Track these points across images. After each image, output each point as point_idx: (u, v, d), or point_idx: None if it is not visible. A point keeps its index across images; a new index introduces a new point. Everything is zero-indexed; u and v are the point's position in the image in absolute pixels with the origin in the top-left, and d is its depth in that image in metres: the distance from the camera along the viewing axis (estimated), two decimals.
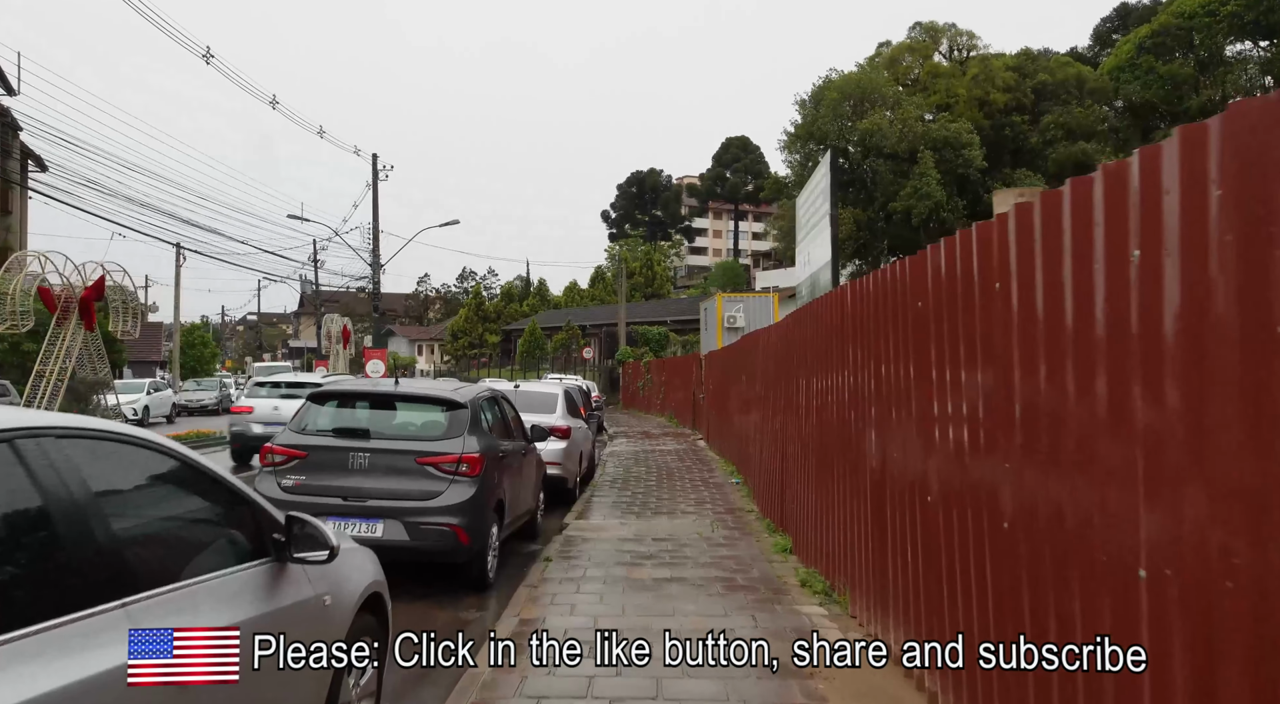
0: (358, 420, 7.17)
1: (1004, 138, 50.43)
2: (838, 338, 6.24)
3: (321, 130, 31.39)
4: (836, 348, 6.29)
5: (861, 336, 5.54)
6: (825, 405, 6.77)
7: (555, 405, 11.98)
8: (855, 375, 5.75)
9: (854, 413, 5.81)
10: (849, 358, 5.93)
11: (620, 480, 14.03)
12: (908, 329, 4.55)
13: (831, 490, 6.51)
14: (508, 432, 8.19)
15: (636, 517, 10.47)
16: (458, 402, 7.11)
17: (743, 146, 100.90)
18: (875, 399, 5.27)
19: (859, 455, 5.72)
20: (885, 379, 5.04)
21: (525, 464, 8.58)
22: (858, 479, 5.76)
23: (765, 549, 8.36)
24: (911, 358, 4.51)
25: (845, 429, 6.07)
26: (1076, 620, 2.85)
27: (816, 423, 7.14)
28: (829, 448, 6.64)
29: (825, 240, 8.58)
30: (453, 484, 6.69)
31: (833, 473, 6.51)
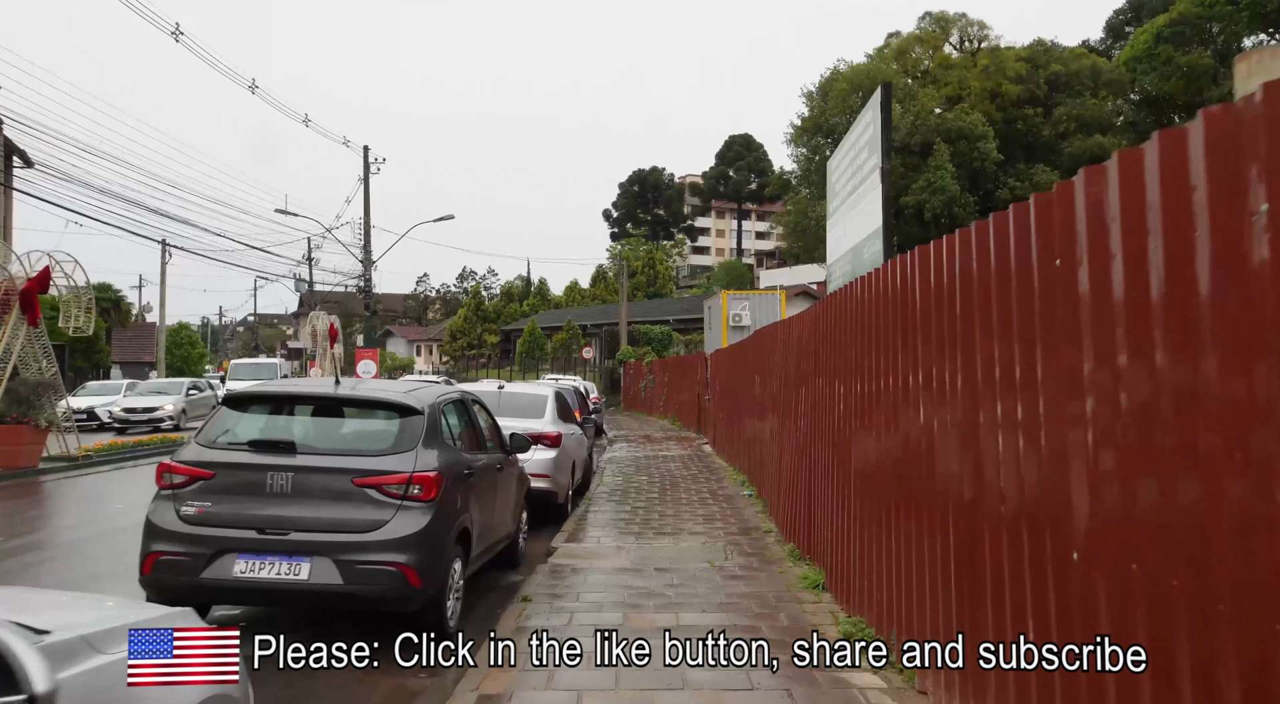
0: (282, 430, 5.71)
1: (1016, 131, 48.91)
2: (895, 324, 4.80)
3: (307, 118, 29.99)
4: (893, 338, 4.85)
5: (940, 319, 4.09)
6: (873, 411, 5.33)
7: (544, 409, 10.54)
8: (925, 371, 4.31)
9: (920, 420, 4.38)
10: (913, 350, 4.49)
11: (619, 492, 12.58)
12: (1039, 299, 3.10)
13: (886, 521, 5.06)
14: (478, 442, 6.75)
15: (636, 537, 9.03)
16: (411, 407, 5.68)
17: (746, 144, 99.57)
18: (961, 401, 3.83)
19: (928, 478, 4.29)
20: (983, 374, 3.59)
21: (502, 481, 7.15)
22: (927, 510, 4.32)
23: (791, 584, 6.91)
24: (1041, 340, 3.07)
25: (907, 441, 4.63)
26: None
27: (860, 432, 5.70)
28: (881, 465, 5.20)
29: (873, 203, 7.14)
30: (401, 511, 5.25)
31: (887, 497, 5.07)
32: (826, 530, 6.79)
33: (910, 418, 4.54)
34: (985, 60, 49.49)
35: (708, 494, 12.29)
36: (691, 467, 16.04)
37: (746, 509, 10.91)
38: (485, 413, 7.49)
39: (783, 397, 9.36)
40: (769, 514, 10.22)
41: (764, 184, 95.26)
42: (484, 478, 6.54)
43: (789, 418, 8.84)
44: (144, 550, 5.22)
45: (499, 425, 7.66)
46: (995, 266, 3.49)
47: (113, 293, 42.94)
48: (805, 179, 52.62)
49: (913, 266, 4.44)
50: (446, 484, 5.57)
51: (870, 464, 5.44)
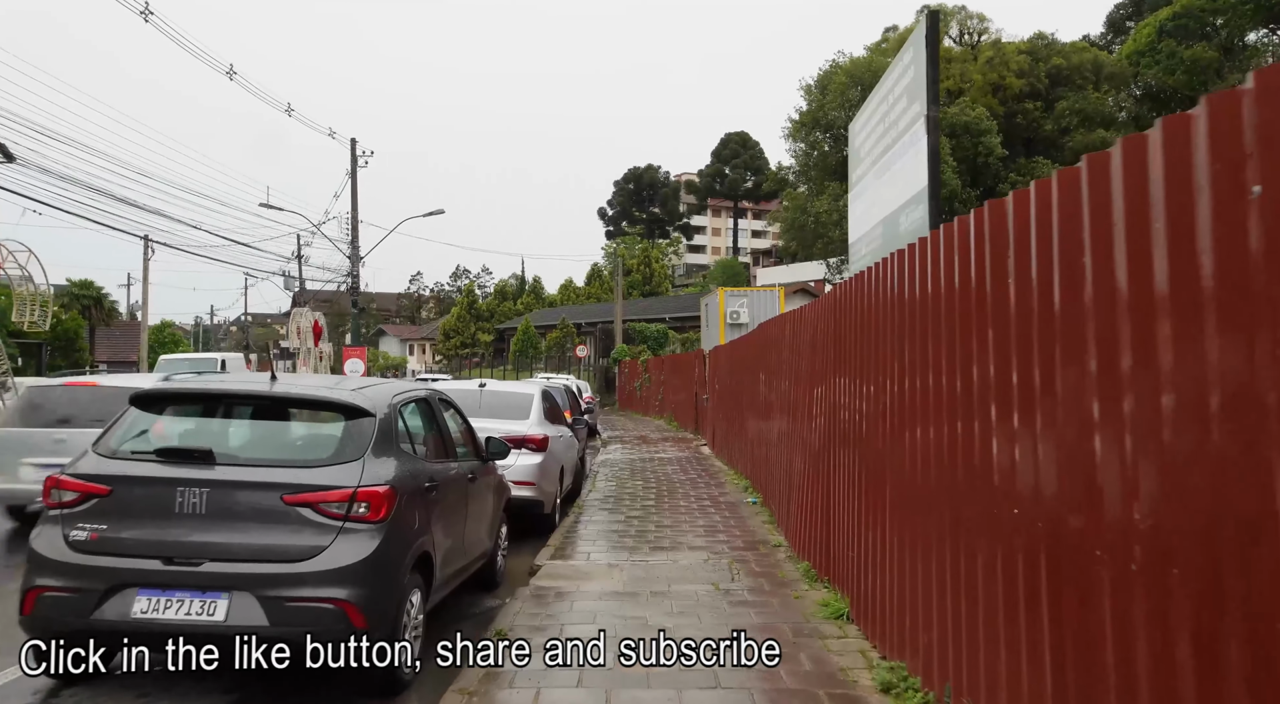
0: (199, 437, 4.74)
1: (1016, 125, 48.05)
2: (950, 307, 3.86)
3: (289, 108, 29.00)
4: (947, 323, 3.91)
5: (1027, 293, 3.15)
6: (918, 412, 4.39)
7: (529, 409, 9.58)
8: (1003, 363, 3.37)
9: (993, 424, 3.44)
10: (978, 337, 3.56)
11: (612, 499, 11.63)
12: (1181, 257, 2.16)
13: (936, 544, 4.13)
14: (445, 449, 5.80)
15: (630, 553, 8.08)
16: (359, 407, 4.72)
17: (742, 142, 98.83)
18: (1068, 399, 2.89)
19: (1004, 496, 3.35)
20: (1110, 364, 2.65)
21: (476, 493, 6.19)
22: (1001, 536, 3.38)
23: (809, 612, 5.97)
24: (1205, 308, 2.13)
25: (969, 449, 3.69)
26: None
27: (897, 437, 4.76)
28: (927, 476, 4.26)
29: (915, 160, 6.08)
30: (343, 534, 4.30)
31: (937, 515, 4.13)
32: (850, 549, 5.86)
33: (976, 421, 3.60)
34: (987, 53, 48.67)
35: (708, 501, 11.35)
36: (690, 470, 15.10)
37: (751, 519, 9.97)
38: (457, 415, 6.54)
39: (793, 396, 8.43)
40: (777, 525, 9.29)
41: (760, 182, 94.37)
42: (452, 490, 5.59)
43: (801, 419, 7.91)
44: (24, 585, 4.26)
45: (474, 429, 6.71)
46: (1094, 229, 2.56)
47: (95, 290, 41.80)
48: (803, 174, 51.70)
49: (985, 227, 3.49)
50: (402, 500, 4.62)
51: (912, 475, 4.50)
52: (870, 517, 5.39)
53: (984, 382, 3.53)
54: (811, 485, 7.28)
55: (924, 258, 4.23)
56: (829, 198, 47.43)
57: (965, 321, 3.70)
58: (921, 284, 4.29)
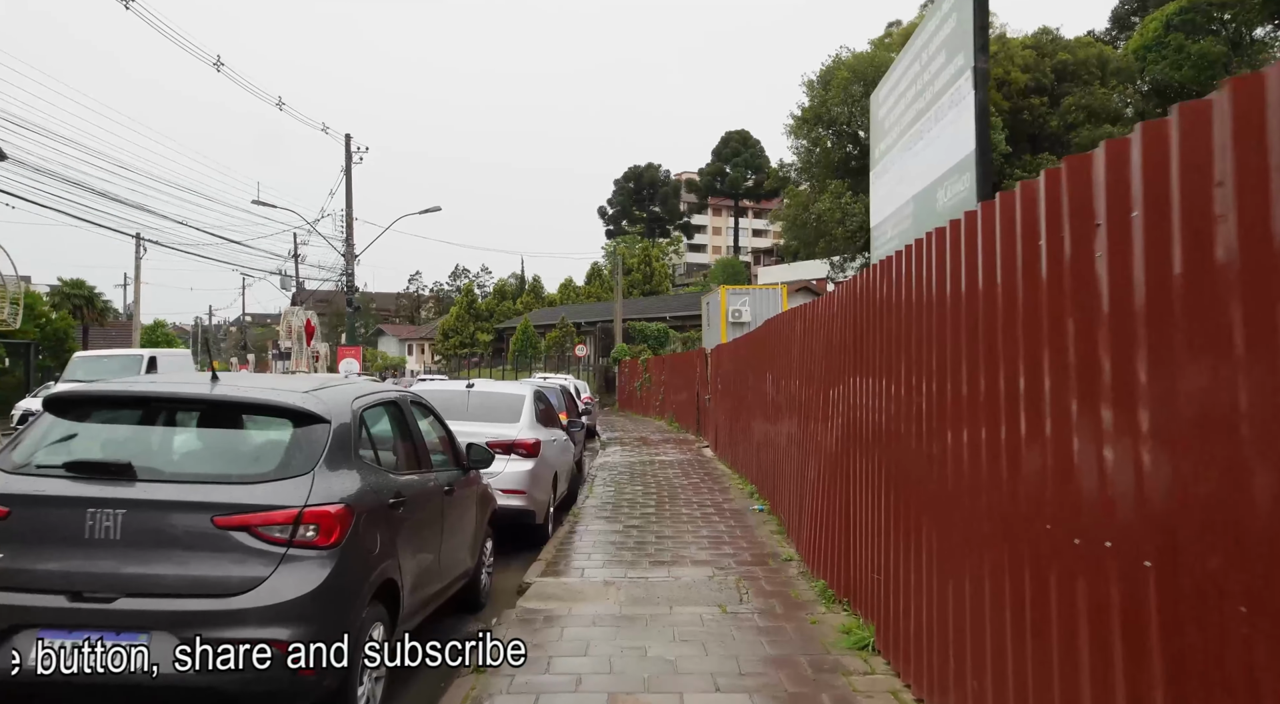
0: (119, 448, 4.05)
1: (1021, 121, 47.32)
2: (1008, 294, 3.21)
3: (280, 102, 28.30)
4: (1003, 314, 3.25)
5: (1125, 274, 2.49)
6: (962, 416, 3.73)
7: (519, 412, 8.91)
8: (1088, 359, 2.71)
9: (1054, 425, 2.78)
10: (1055, 327, 2.90)
11: (610, 506, 10.97)
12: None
13: (991, 572, 3.46)
14: (418, 458, 5.13)
15: (629, 568, 7.42)
16: (310, 412, 4.05)
17: (743, 140, 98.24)
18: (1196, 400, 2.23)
19: (1065, 510, 2.70)
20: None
21: (454, 507, 5.52)
22: (1059, 556, 2.72)
23: (829, 641, 5.30)
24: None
25: (1017, 455, 3.04)
26: None
27: (933, 445, 4.10)
28: (978, 492, 3.60)
29: (959, 121, 5.40)
30: (286, 563, 3.64)
31: (975, 531, 3.47)
32: (874, 567, 5.20)
33: (1049, 422, 2.94)
34: (992, 47, 47.96)
35: (712, 509, 10.69)
36: (692, 474, 14.44)
37: (759, 528, 9.31)
38: (434, 419, 5.87)
39: (804, 397, 7.77)
40: (787, 535, 8.63)
41: (761, 181, 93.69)
42: (424, 506, 4.93)
43: (814, 422, 7.24)
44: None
45: (453, 435, 6.04)
46: None
47: (86, 289, 41.10)
48: (805, 171, 51.02)
49: (1061, 191, 2.83)
50: (360, 520, 3.96)
51: (956, 486, 3.84)
52: (898, 532, 4.74)
53: (1059, 377, 2.86)
54: (827, 494, 6.62)
55: (972, 234, 3.57)
56: (831, 195, 46.77)
57: (1033, 308, 3.04)
58: (969, 267, 3.62)
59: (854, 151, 48.38)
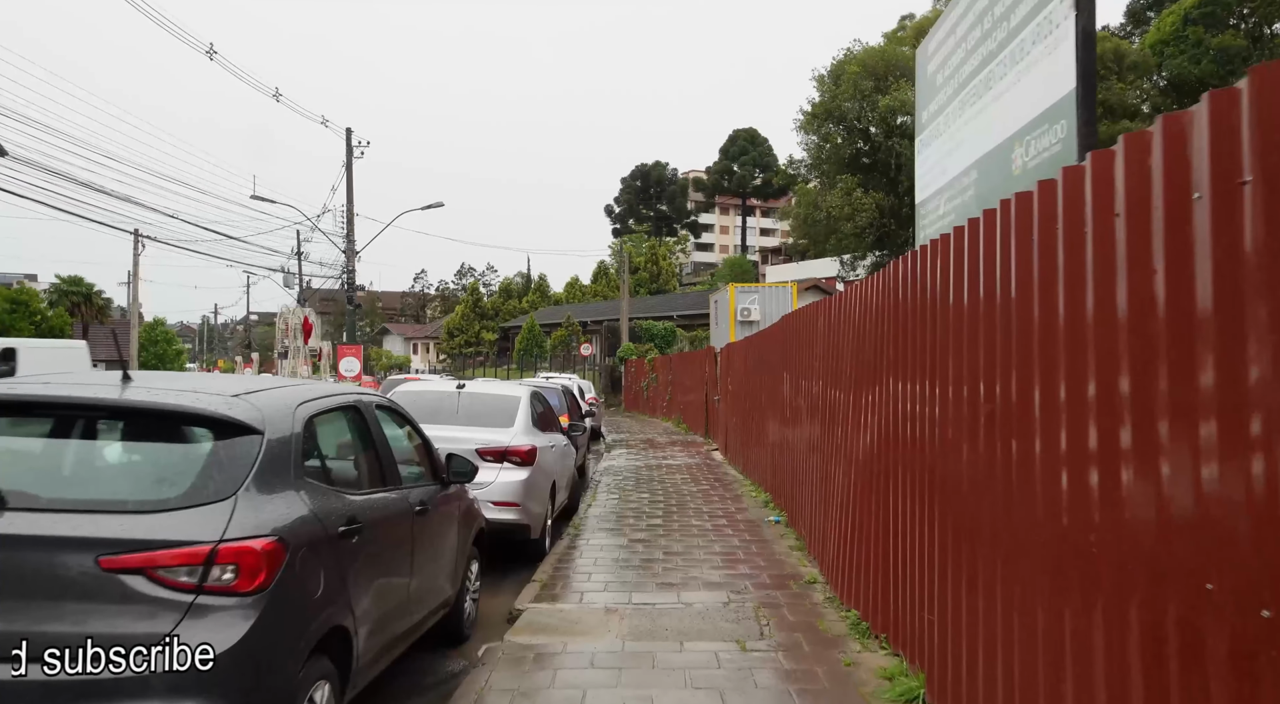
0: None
1: None
2: (1145, 272, 2.40)
3: (278, 93, 27.54)
4: (1138, 298, 2.44)
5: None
6: (1029, 422, 2.92)
7: (514, 415, 8.10)
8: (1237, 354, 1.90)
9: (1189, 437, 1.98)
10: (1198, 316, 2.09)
11: (614, 517, 10.16)
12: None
13: (1105, 621, 2.65)
14: (382, 474, 4.32)
15: (633, 591, 6.61)
16: (236, 421, 3.26)
17: (750, 139, 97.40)
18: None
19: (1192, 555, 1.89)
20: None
21: (428, 529, 4.72)
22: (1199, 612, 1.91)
23: (869, 691, 4.49)
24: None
25: (1147, 472, 2.23)
26: None
27: (999, 454, 3.30)
28: (1073, 509, 2.79)
29: (1052, 57, 4.61)
30: (194, 616, 2.85)
31: (1079, 565, 2.66)
32: (923, 600, 4.39)
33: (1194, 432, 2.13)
34: None
35: (724, 520, 9.88)
36: (701, 480, 13.63)
37: (776, 543, 8.50)
38: (412, 429, 5.07)
39: (830, 399, 6.96)
40: (808, 552, 7.82)
41: (769, 179, 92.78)
42: (389, 530, 4.13)
43: (843, 427, 6.43)
44: None
45: (430, 444, 5.23)
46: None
47: (85, 287, 40.53)
48: (815, 168, 50.06)
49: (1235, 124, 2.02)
50: (298, 556, 3.17)
51: (1051, 507, 3.04)
52: (958, 563, 3.93)
53: (1155, 389, 2.05)
54: (860, 510, 5.81)
55: (1077, 196, 2.76)
56: (841, 192, 45.86)
57: (1177, 285, 2.23)
58: (1071, 239, 2.81)
59: (864, 148, 47.49)
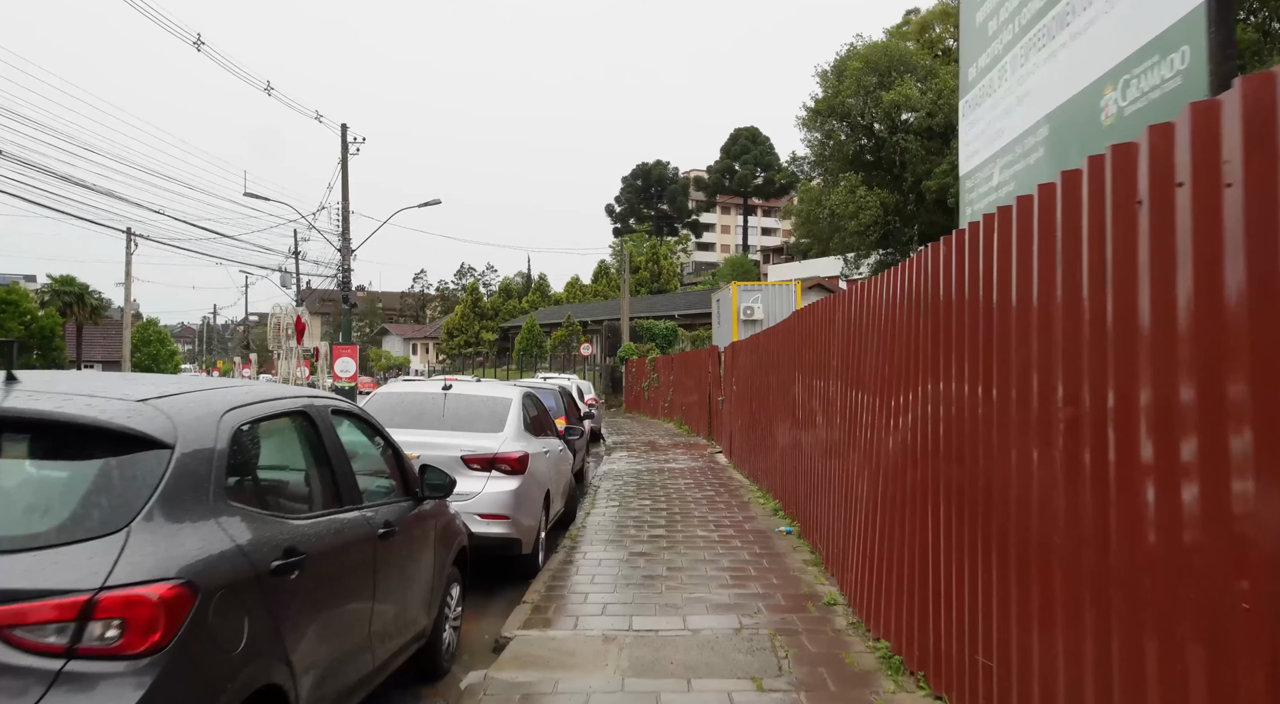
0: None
1: None
2: None
3: (269, 86, 26.86)
4: None
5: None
6: (1149, 434, 2.27)
7: (504, 419, 7.44)
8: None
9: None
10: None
11: (614, 526, 9.51)
12: None
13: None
14: (336, 492, 3.64)
15: (635, 614, 5.96)
16: (137, 433, 2.61)
17: (752, 137, 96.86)
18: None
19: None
20: None
21: (395, 553, 4.06)
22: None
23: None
24: None
25: None
26: None
27: (1088, 475, 2.64)
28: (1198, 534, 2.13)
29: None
30: (61, 689, 2.20)
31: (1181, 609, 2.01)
32: (973, 640, 3.74)
33: None
34: None
35: (731, 530, 9.22)
36: (705, 485, 12.97)
37: (790, 557, 7.84)
38: (379, 437, 4.41)
39: (851, 401, 6.31)
40: (825, 568, 7.16)
41: (771, 178, 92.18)
42: (341, 560, 3.47)
43: (869, 432, 5.77)
44: None
45: (403, 455, 4.58)
46: None
47: (77, 286, 39.87)
48: (818, 165, 49.48)
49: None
50: (211, 603, 2.52)
51: (1170, 532, 2.38)
52: (1022, 595, 3.28)
53: None
54: (891, 525, 5.15)
55: (1210, 142, 2.10)
56: (845, 189, 45.26)
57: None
58: (1202, 199, 2.16)
59: (868, 144, 46.86)
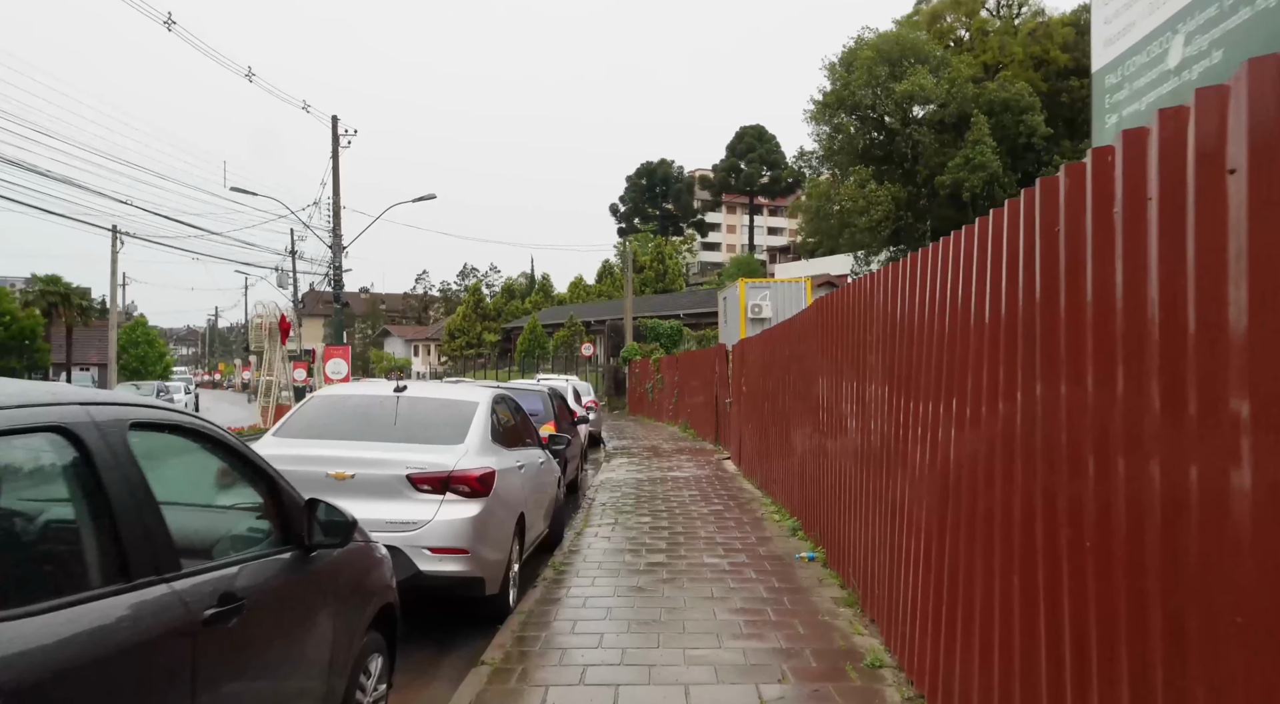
0: None
1: (1059, 104, 44.09)
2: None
3: (250, 72, 25.58)
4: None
5: None
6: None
7: (465, 429, 6.05)
8: None
9: None
10: None
11: (606, 552, 8.13)
12: None
13: None
14: (121, 558, 2.21)
15: (622, 686, 4.59)
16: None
17: (758, 136, 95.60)
18: None
19: None
20: None
21: (249, 637, 2.66)
22: None
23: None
24: None
25: None
26: None
27: None
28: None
29: None
30: None
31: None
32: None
33: None
34: (1030, 24, 44.84)
35: (743, 556, 7.85)
36: (713, 497, 11.60)
37: (816, 593, 6.45)
38: (232, 458, 3.04)
39: (899, 405, 4.94)
40: (862, 611, 5.79)
41: (777, 177, 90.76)
42: (110, 673, 2.09)
43: (940, 433, 4.39)
44: None
45: (282, 489, 3.19)
46: None
47: (62, 285, 38.60)
48: (827, 159, 48.01)
49: None
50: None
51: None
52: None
53: None
54: (977, 569, 3.77)
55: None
56: (854, 184, 43.79)
57: None
58: None
59: (879, 138, 45.40)
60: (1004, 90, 39.98)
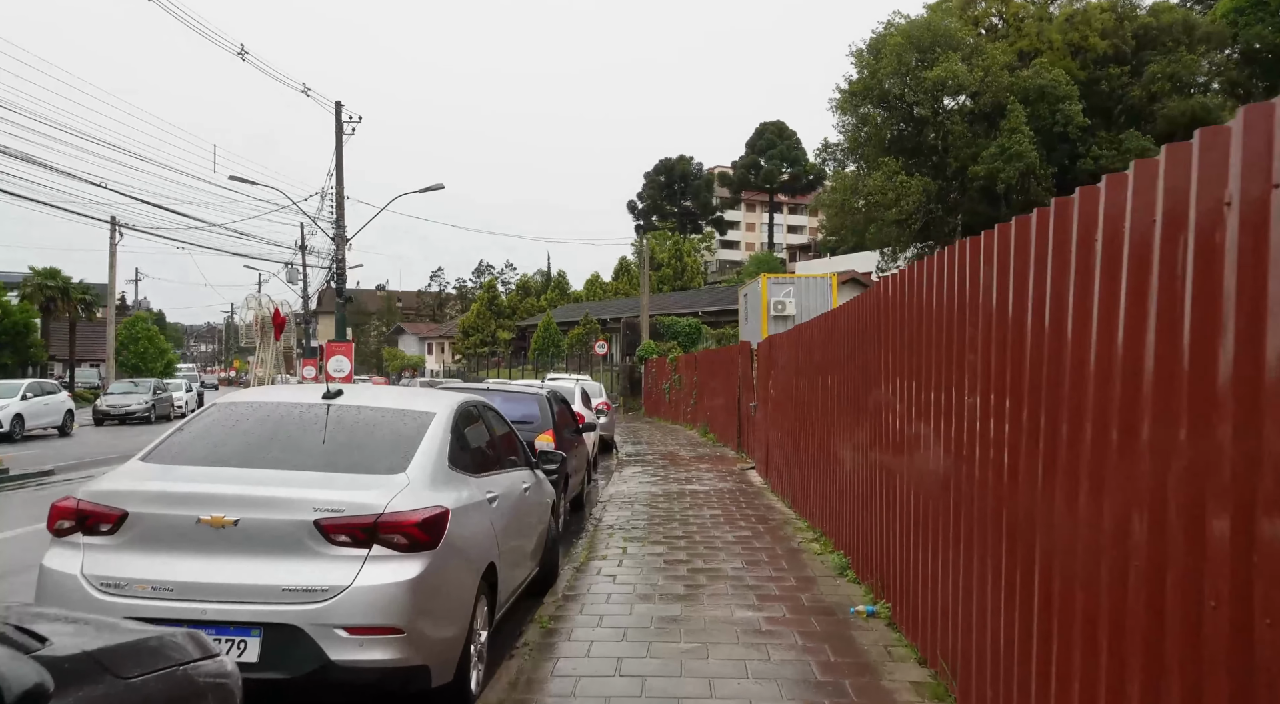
0: None
1: (1098, 92, 41.99)
2: None
3: (243, 50, 24.11)
4: None
5: None
6: None
7: (411, 451, 4.37)
8: None
9: None
10: None
11: (609, 599, 6.48)
12: None
13: None
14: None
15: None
16: None
17: (778, 132, 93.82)
18: None
19: None
20: None
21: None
22: None
23: None
24: None
25: None
26: None
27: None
28: None
29: None
30: None
31: None
32: None
33: None
34: (1068, 10, 42.80)
35: (783, 607, 6.18)
36: (739, 519, 9.94)
37: (888, 675, 4.78)
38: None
39: (1029, 430, 3.29)
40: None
41: (797, 174, 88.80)
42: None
43: (1092, 492, 2.74)
44: None
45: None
46: None
47: (61, 279, 37.33)
48: (853, 151, 46.06)
49: None
50: None
51: None
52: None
53: None
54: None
55: None
56: (883, 175, 41.88)
57: None
58: None
59: (908, 129, 43.46)
60: (1039, 78, 37.99)
